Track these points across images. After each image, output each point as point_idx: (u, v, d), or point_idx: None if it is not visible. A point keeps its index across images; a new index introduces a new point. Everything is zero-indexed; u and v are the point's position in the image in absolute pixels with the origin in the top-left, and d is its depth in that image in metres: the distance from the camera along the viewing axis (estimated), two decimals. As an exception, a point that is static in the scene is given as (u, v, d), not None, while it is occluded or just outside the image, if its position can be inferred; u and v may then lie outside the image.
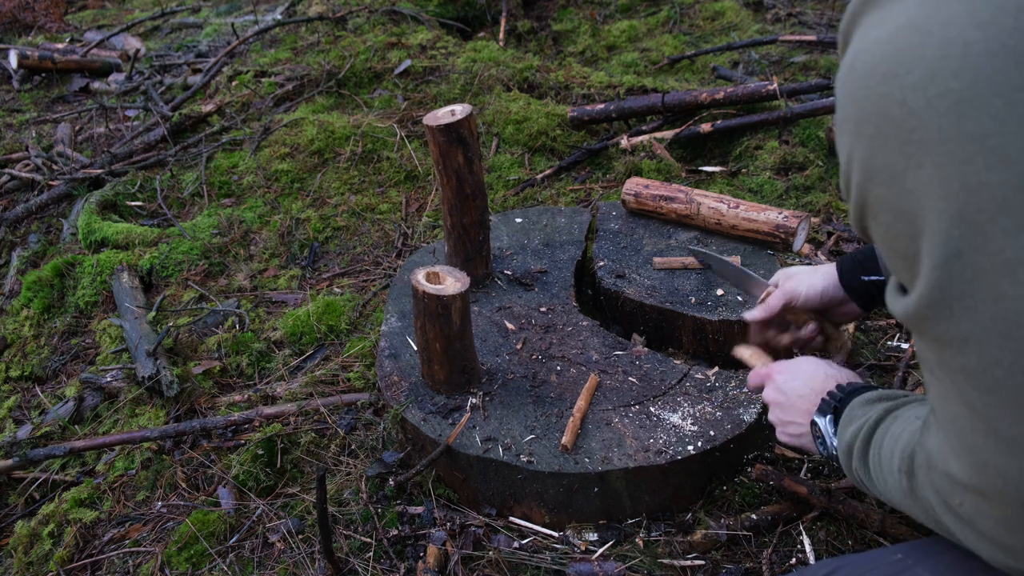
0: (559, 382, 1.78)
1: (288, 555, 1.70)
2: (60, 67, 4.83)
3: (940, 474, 0.83)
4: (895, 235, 0.75)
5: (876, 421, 1.04)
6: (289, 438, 1.96)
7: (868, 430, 1.04)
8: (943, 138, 0.67)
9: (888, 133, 0.71)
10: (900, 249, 0.75)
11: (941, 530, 0.91)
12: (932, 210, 0.70)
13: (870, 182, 0.75)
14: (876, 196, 0.75)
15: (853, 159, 0.77)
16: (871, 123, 0.73)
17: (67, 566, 1.80)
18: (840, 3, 4.58)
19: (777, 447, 1.78)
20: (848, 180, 0.80)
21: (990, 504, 0.78)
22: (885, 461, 0.98)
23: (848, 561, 1.08)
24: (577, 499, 1.61)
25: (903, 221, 0.73)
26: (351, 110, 3.68)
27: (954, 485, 0.81)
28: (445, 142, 1.84)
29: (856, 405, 1.12)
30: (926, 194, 0.70)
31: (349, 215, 2.96)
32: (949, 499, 0.83)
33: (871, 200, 0.77)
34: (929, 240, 0.71)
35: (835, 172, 2.81)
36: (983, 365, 0.71)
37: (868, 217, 0.79)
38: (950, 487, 0.82)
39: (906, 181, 0.71)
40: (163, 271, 2.77)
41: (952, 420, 0.79)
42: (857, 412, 1.10)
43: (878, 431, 1.03)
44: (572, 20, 4.81)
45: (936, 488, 0.85)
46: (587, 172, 3.06)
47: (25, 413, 2.42)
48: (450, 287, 1.61)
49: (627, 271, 2.10)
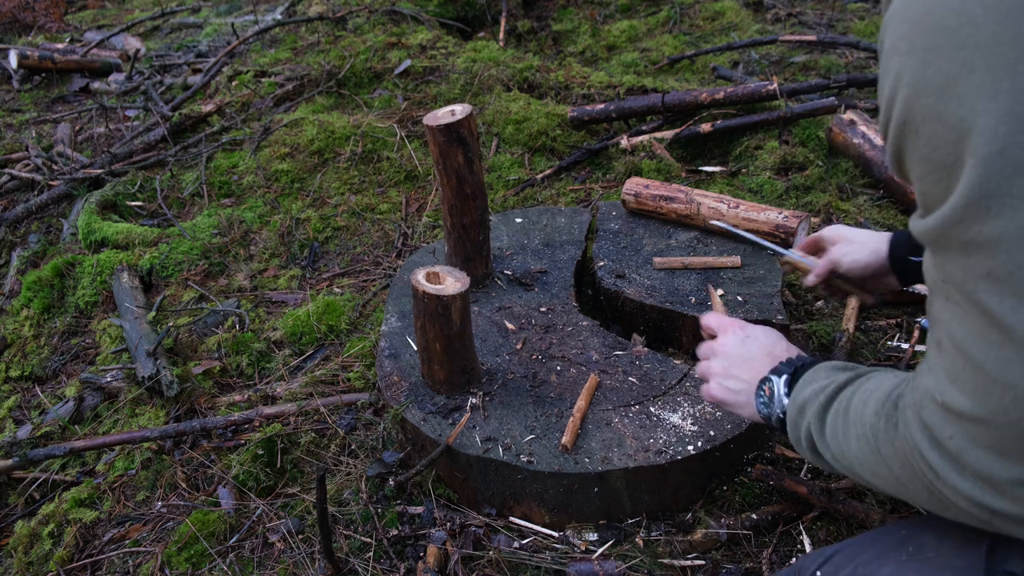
0: (559, 382, 1.78)
1: (288, 555, 1.70)
2: (60, 67, 4.83)
3: (934, 409, 0.85)
4: (937, 145, 0.78)
5: (843, 383, 1.07)
6: (289, 438, 1.96)
7: (832, 391, 1.08)
8: (997, 41, 0.72)
9: (942, 43, 0.75)
10: (940, 159, 0.78)
11: (906, 484, 0.92)
12: (980, 111, 0.73)
13: (919, 94, 0.78)
14: (923, 107, 0.78)
15: (902, 78, 0.80)
16: (926, 36, 0.77)
17: (67, 566, 1.80)
18: (840, 3, 4.58)
19: (778, 447, 1.78)
20: (890, 107, 0.83)
21: (986, 430, 0.79)
22: (853, 414, 1.01)
23: (854, 541, 1.09)
24: (577, 499, 1.61)
25: (949, 128, 0.76)
26: (351, 110, 3.68)
27: (948, 417, 0.83)
28: (445, 142, 1.84)
29: (822, 369, 1.15)
30: (976, 96, 0.73)
31: (349, 215, 2.96)
32: (940, 433, 0.84)
33: (917, 112, 0.79)
34: (974, 140, 0.74)
35: (835, 172, 2.82)
36: (1011, 266, 0.74)
37: (909, 135, 0.81)
38: (943, 420, 0.84)
39: (957, 87, 0.75)
40: (163, 271, 2.77)
41: (961, 343, 0.81)
42: (821, 375, 1.13)
43: (845, 391, 1.06)
44: (572, 20, 4.81)
45: (926, 424, 0.86)
46: (587, 172, 3.06)
47: (25, 413, 2.42)
48: (450, 287, 1.61)
49: (627, 271, 2.10)
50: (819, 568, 1.08)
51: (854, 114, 2.85)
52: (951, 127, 0.76)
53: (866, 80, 3.16)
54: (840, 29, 4.25)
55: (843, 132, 2.83)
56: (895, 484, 0.96)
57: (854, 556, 1.06)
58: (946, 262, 0.82)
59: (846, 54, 3.86)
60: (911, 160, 0.84)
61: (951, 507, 0.87)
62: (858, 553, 1.06)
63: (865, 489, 1.66)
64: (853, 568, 1.03)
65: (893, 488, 0.97)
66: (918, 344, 2.06)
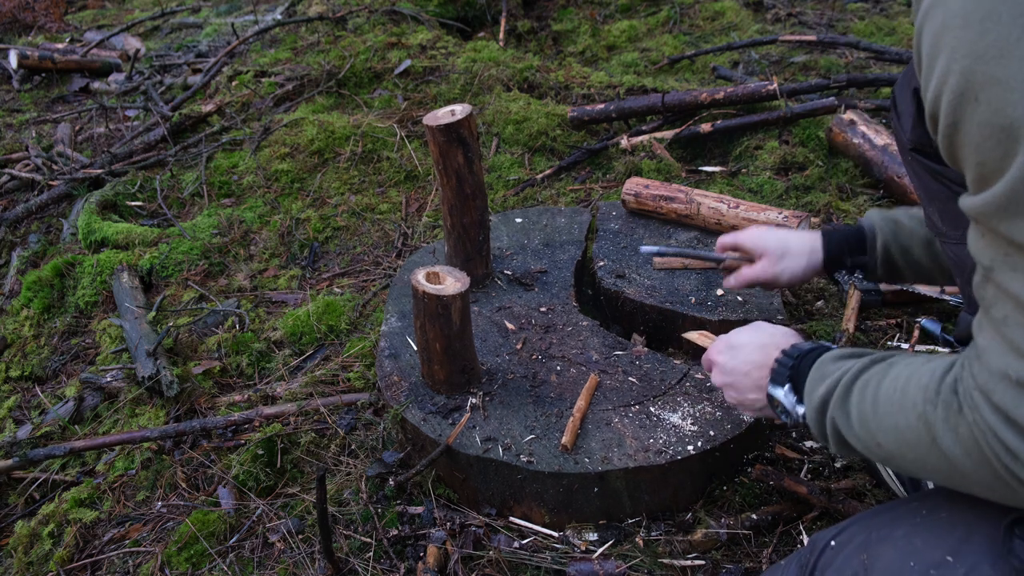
0: (559, 382, 1.78)
1: (288, 555, 1.70)
2: (60, 67, 4.83)
3: (1005, 388, 0.83)
4: (999, 108, 0.79)
5: (859, 371, 1.05)
6: (289, 438, 1.96)
7: (849, 380, 1.05)
8: None
9: (1001, 9, 0.78)
10: (1002, 122, 0.79)
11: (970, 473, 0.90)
12: None
13: (979, 60, 0.80)
14: (984, 73, 0.80)
15: (958, 51, 0.82)
16: (983, 7, 0.80)
17: (67, 566, 1.80)
18: (840, 3, 4.58)
19: (778, 447, 1.78)
20: (943, 83, 0.84)
21: None
22: (887, 404, 0.98)
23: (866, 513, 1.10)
24: (577, 499, 1.61)
25: (1011, 90, 0.78)
26: (351, 110, 3.68)
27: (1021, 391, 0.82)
28: (445, 142, 1.84)
29: (826, 362, 1.13)
30: None
31: (349, 215, 2.96)
32: (1016, 412, 0.82)
33: (977, 80, 0.81)
34: None
35: (835, 172, 2.81)
36: None
37: (968, 104, 0.82)
38: (1017, 398, 0.82)
39: (1020, 49, 0.77)
40: (163, 271, 2.77)
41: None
42: (829, 368, 1.11)
43: (862, 379, 1.04)
44: (572, 20, 4.82)
45: (999, 405, 0.84)
46: (587, 172, 3.06)
47: (25, 413, 2.42)
48: (450, 287, 1.61)
49: (627, 271, 2.10)
50: (834, 538, 1.08)
51: (854, 114, 2.85)
52: (1013, 88, 0.78)
53: (866, 80, 3.16)
54: (840, 29, 4.25)
55: (843, 132, 2.83)
56: (948, 472, 0.92)
57: (868, 523, 1.05)
58: (1017, 228, 0.81)
59: (846, 54, 3.86)
60: (968, 130, 0.84)
61: (1020, 491, 0.85)
62: (872, 520, 1.06)
63: (865, 489, 1.66)
64: (868, 534, 1.03)
65: (944, 476, 0.94)
66: (918, 344, 2.06)
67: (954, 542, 0.95)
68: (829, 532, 1.10)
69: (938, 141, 0.90)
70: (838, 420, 1.07)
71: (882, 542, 1.02)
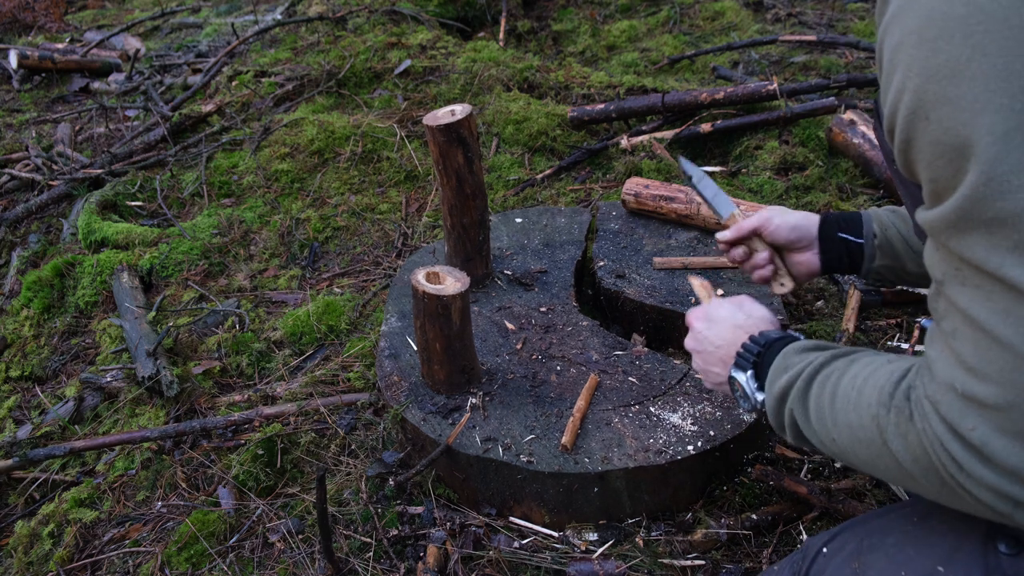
0: (559, 382, 1.78)
1: (288, 555, 1.70)
2: (60, 67, 4.83)
3: (951, 400, 0.84)
4: (949, 127, 0.80)
5: (820, 365, 1.06)
6: (289, 438, 1.96)
7: (810, 373, 1.07)
8: (1008, 25, 0.76)
9: (953, 29, 0.79)
10: (952, 141, 0.80)
11: (918, 477, 0.91)
12: (994, 91, 0.76)
13: (930, 80, 0.81)
14: (935, 92, 0.81)
15: (912, 68, 0.83)
16: (935, 26, 0.80)
17: (67, 566, 1.80)
18: (840, 3, 4.58)
19: (778, 446, 1.78)
20: (899, 100, 0.85)
21: (1010, 417, 0.79)
22: (843, 401, 1.00)
23: (857, 519, 1.10)
24: (577, 499, 1.61)
25: (961, 110, 0.79)
26: (351, 110, 3.68)
27: (968, 407, 0.82)
28: (445, 142, 1.84)
29: (790, 353, 1.14)
30: (989, 77, 0.77)
31: (349, 215, 2.96)
32: (961, 425, 0.83)
33: (928, 98, 0.82)
34: (988, 119, 0.76)
35: (835, 172, 2.82)
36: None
37: (919, 122, 0.83)
38: (963, 410, 0.83)
39: (968, 69, 0.78)
40: (163, 271, 2.77)
41: (984, 324, 0.81)
42: (793, 360, 1.13)
43: (823, 373, 1.05)
44: (572, 20, 4.82)
45: (945, 417, 0.85)
46: (587, 172, 3.06)
47: (25, 413, 2.42)
48: (450, 287, 1.61)
49: (627, 271, 2.10)
50: (825, 545, 1.08)
51: (854, 114, 2.85)
52: (963, 108, 0.78)
53: (866, 80, 3.16)
54: (840, 29, 4.25)
55: (843, 132, 2.83)
56: (897, 473, 0.94)
57: (859, 531, 1.06)
58: (966, 245, 0.82)
59: (846, 54, 3.86)
60: (920, 147, 0.84)
61: (966, 499, 0.86)
62: (863, 527, 1.06)
63: (865, 489, 1.66)
64: (859, 541, 1.03)
65: (893, 476, 0.96)
66: (918, 344, 2.06)
67: (945, 551, 0.95)
68: (821, 538, 1.10)
69: (895, 154, 0.91)
70: (796, 412, 1.08)
71: (874, 550, 1.02)
